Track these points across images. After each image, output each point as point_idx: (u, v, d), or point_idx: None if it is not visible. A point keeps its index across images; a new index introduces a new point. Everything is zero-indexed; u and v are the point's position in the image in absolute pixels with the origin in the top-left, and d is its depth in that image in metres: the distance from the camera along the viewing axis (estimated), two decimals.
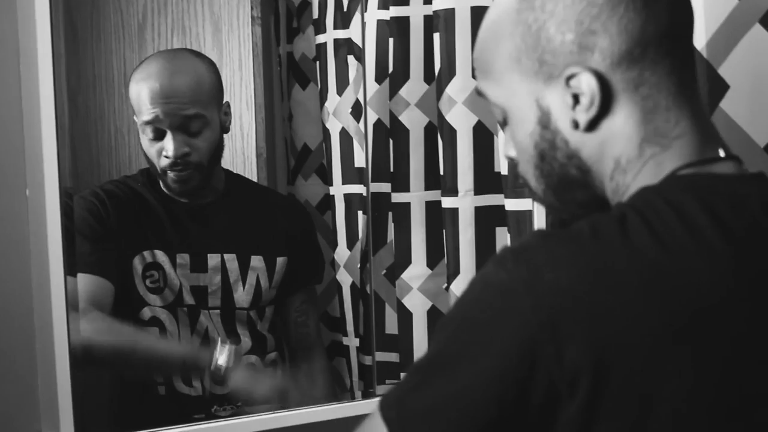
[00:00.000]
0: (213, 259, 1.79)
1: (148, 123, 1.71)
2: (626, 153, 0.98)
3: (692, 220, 0.90)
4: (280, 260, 1.84)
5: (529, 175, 1.06)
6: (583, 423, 0.86)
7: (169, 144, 1.71)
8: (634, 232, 0.89)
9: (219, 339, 1.74)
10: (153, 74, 1.73)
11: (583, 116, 0.96)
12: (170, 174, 1.73)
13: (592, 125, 0.97)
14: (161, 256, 1.76)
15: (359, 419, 1.74)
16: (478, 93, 1.09)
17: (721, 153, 0.98)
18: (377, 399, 1.77)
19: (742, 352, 0.88)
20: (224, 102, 1.80)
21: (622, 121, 0.97)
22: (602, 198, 1.01)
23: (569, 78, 0.96)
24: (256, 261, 1.82)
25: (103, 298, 1.70)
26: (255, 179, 1.93)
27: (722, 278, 0.89)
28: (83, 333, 1.60)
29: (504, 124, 1.06)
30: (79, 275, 1.65)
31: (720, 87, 1.50)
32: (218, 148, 1.79)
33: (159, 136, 1.71)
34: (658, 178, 0.96)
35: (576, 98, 0.96)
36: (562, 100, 0.97)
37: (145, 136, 1.72)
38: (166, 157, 1.72)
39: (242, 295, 1.81)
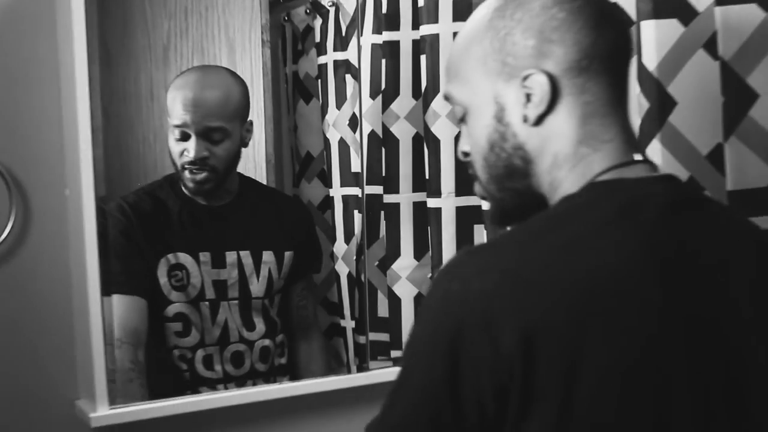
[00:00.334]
0: (230, 256, 1.79)
1: (177, 126, 1.73)
2: (563, 150, 0.99)
3: (602, 217, 0.93)
4: (288, 254, 1.85)
5: (478, 165, 1.07)
6: (522, 405, 0.87)
7: (191, 146, 1.73)
8: (547, 233, 0.93)
9: None
10: (189, 84, 1.76)
11: (533, 111, 0.98)
12: (187, 173, 1.74)
13: (539, 120, 0.99)
14: (184, 257, 1.77)
15: (355, 390, 1.79)
16: (446, 97, 1.11)
17: (638, 157, 1.01)
18: (371, 372, 1.84)
19: (652, 331, 0.89)
20: (248, 120, 1.81)
21: (564, 120, 0.99)
22: (538, 191, 1.03)
23: (526, 78, 0.98)
24: (268, 255, 1.83)
25: (139, 321, 1.72)
26: (265, 183, 1.92)
27: (627, 267, 0.90)
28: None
29: (463, 121, 1.07)
30: (113, 297, 1.67)
31: (669, 103, 1.50)
32: (235, 158, 1.80)
33: (184, 138, 1.73)
34: (585, 179, 0.98)
35: (528, 97, 0.98)
36: (517, 98, 0.99)
37: (173, 136, 1.74)
38: (187, 156, 1.73)
39: (257, 286, 1.82)
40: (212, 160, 1.75)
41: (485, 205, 1.90)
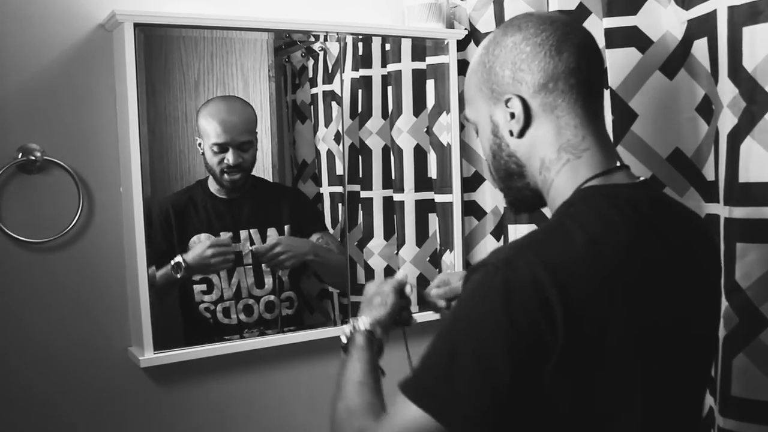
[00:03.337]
0: (244, 233, 1.79)
1: (216, 144, 1.72)
2: (548, 155, 0.95)
3: (607, 217, 0.89)
4: (286, 227, 1.83)
5: (489, 170, 1.05)
6: (567, 357, 0.82)
7: (230, 157, 1.73)
8: (570, 233, 0.87)
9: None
10: (220, 112, 1.74)
11: (515, 127, 0.95)
12: (226, 176, 1.74)
13: (522, 133, 0.96)
14: (206, 237, 1.75)
15: (338, 338, 1.78)
16: (465, 119, 1.07)
17: (617, 163, 0.96)
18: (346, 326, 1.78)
19: (646, 292, 0.88)
20: (256, 131, 1.80)
21: (543, 133, 0.95)
22: (535, 188, 0.99)
23: (507, 101, 0.95)
24: (271, 231, 1.82)
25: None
26: None
27: (628, 253, 0.88)
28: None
29: (478, 136, 1.04)
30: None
31: (631, 115, 1.47)
32: (255, 159, 1.80)
33: (223, 150, 1.72)
34: (574, 181, 0.94)
35: (512, 115, 0.95)
36: (504, 117, 0.96)
37: (211, 152, 1.73)
38: (228, 165, 1.73)
39: None
40: (244, 164, 1.76)
41: (437, 199, 1.93)
